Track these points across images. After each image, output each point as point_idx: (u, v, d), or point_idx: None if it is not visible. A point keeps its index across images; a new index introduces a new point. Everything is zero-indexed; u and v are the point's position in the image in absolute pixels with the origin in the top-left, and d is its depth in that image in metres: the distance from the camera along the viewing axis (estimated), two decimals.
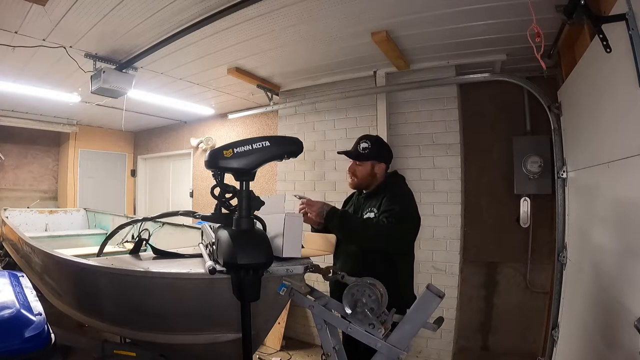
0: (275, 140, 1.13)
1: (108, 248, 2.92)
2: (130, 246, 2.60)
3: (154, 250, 1.57)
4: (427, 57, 2.84)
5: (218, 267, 1.06)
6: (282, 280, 1.09)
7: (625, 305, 1.26)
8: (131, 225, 3.18)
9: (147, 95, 3.83)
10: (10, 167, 5.46)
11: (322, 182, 3.49)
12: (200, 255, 1.42)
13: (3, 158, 5.27)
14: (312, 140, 3.54)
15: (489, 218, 3.14)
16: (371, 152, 1.79)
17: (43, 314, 1.29)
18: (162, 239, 3.00)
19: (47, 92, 3.64)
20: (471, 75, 2.79)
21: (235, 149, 1.02)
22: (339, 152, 1.92)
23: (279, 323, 3.38)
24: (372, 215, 1.71)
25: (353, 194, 1.98)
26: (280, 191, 3.78)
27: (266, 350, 3.31)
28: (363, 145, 1.81)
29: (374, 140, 1.85)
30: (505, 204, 3.08)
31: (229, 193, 1.12)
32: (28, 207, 4.60)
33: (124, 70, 2.96)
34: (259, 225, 1.15)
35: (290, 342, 3.47)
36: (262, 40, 2.61)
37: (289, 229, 1.16)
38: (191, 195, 5.24)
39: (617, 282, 1.39)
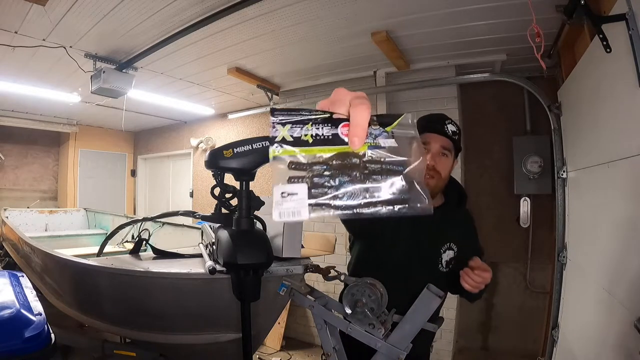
0: None
1: (108, 248, 2.92)
2: (130, 246, 2.60)
3: (154, 250, 1.57)
4: (427, 57, 2.85)
5: (218, 267, 1.05)
6: (282, 280, 1.09)
7: (625, 305, 1.26)
8: (131, 225, 3.18)
9: (147, 95, 3.83)
10: (10, 167, 5.46)
11: None
12: (200, 255, 1.41)
13: (3, 158, 5.27)
14: None
15: (489, 218, 3.14)
16: (460, 141, 1.22)
17: (43, 314, 1.29)
18: (162, 239, 3.00)
19: (47, 92, 3.64)
20: (471, 75, 2.79)
21: (235, 149, 1.01)
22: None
23: (279, 323, 3.38)
24: (451, 254, 1.19)
25: None
26: None
27: (266, 350, 3.31)
28: (452, 128, 1.20)
29: (459, 126, 1.25)
30: (505, 204, 3.08)
31: (229, 193, 1.12)
32: (28, 207, 4.60)
33: (124, 70, 2.97)
34: (259, 225, 1.15)
35: (290, 342, 3.47)
36: (262, 40, 2.61)
37: (288, 229, 1.16)
38: (191, 195, 5.24)
39: (617, 282, 1.39)
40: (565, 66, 2.28)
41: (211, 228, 1.41)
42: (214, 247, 1.20)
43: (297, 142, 0.41)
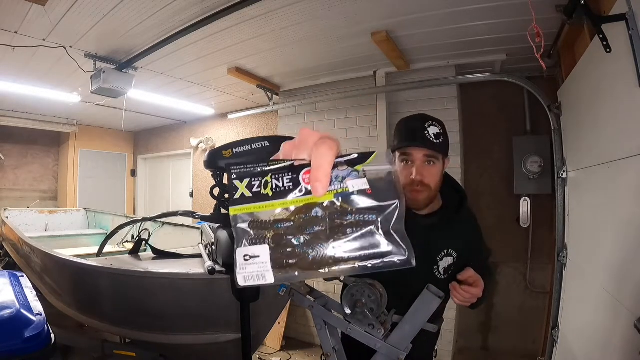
0: (275, 140, 1.11)
1: (108, 248, 2.92)
2: (130, 246, 2.60)
3: (154, 250, 1.57)
4: (427, 57, 2.85)
5: (217, 268, 1.06)
6: None
7: (626, 305, 1.26)
8: (131, 225, 3.18)
9: (147, 95, 3.82)
10: (10, 167, 5.46)
11: None
12: (199, 256, 1.42)
13: (3, 158, 5.27)
14: None
15: (489, 218, 3.14)
16: (446, 142, 1.10)
17: (43, 314, 1.29)
18: (162, 239, 3.01)
19: (47, 92, 3.64)
20: (471, 75, 2.79)
21: (234, 149, 1.01)
22: (396, 149, 1.12)
23: (279, 323, 3.38)
24: (450, 261, 1.11)
25: None
26: None
27: (266, 350, 3.31)
28: (433, 130, 1.08)
29: (442, 123, 1.14)
30: (505, 204, 3.08)
31: (228, 193, 1.12)
32: (28, 207, 4.61)
33: (124, 70, 2.97)
34: None
35: (290, 342, 3.47)
36: (262, 40, 2.61)
37: None
38: (191, 195, 5.24)
39: (617, 282, 1.39)
40: (565, 66, 2.27)
41: (211, 228, 1.41)
42: (214, 247, 1.20)
43: (257, 197, 0.36)
